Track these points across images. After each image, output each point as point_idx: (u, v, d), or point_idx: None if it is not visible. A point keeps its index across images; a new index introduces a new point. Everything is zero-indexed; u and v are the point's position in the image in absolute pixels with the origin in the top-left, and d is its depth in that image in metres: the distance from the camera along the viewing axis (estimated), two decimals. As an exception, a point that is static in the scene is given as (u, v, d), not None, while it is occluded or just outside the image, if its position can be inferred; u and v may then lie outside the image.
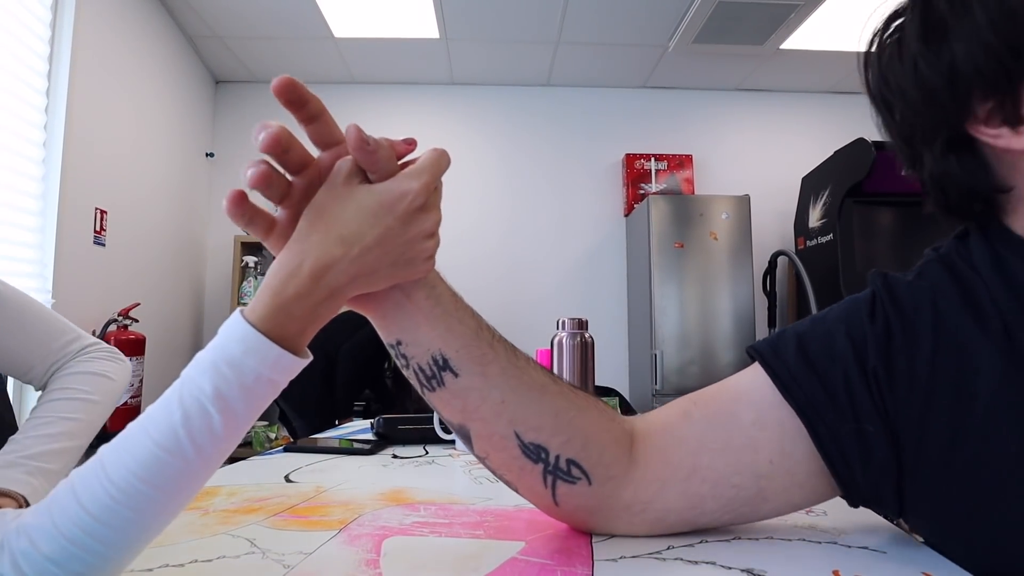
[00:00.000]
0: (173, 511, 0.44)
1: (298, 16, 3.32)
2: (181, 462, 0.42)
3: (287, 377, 0.45)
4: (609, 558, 0.53)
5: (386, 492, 0.78)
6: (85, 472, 0.43)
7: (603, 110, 4.16)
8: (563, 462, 0.55)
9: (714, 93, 4.18)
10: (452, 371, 0.52)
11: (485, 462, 0.57)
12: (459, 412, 0.54)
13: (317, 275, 0.44)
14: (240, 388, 0.43)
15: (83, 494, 0.42)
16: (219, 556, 0.54)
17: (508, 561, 0.52)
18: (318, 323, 0.46)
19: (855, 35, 3.65)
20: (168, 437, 0.42)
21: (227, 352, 0.43)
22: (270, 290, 0.44)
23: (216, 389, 0.42)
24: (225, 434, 0.43)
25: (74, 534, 0.41)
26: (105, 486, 0.42)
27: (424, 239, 0.49)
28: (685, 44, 3.50)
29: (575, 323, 1.16)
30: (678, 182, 4.01)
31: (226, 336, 0.43)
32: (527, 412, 0.54)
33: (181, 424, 0.42)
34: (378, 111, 4.07)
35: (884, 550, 0.55)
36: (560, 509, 0.58)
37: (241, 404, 0.43)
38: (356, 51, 3.71)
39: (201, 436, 0.42)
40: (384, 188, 0.47)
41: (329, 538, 0.59)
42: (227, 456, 0.45)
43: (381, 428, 1.21)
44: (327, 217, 0.46)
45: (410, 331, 0.52)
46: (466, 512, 0.69)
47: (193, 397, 0.42)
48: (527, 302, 3.91)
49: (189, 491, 0.44)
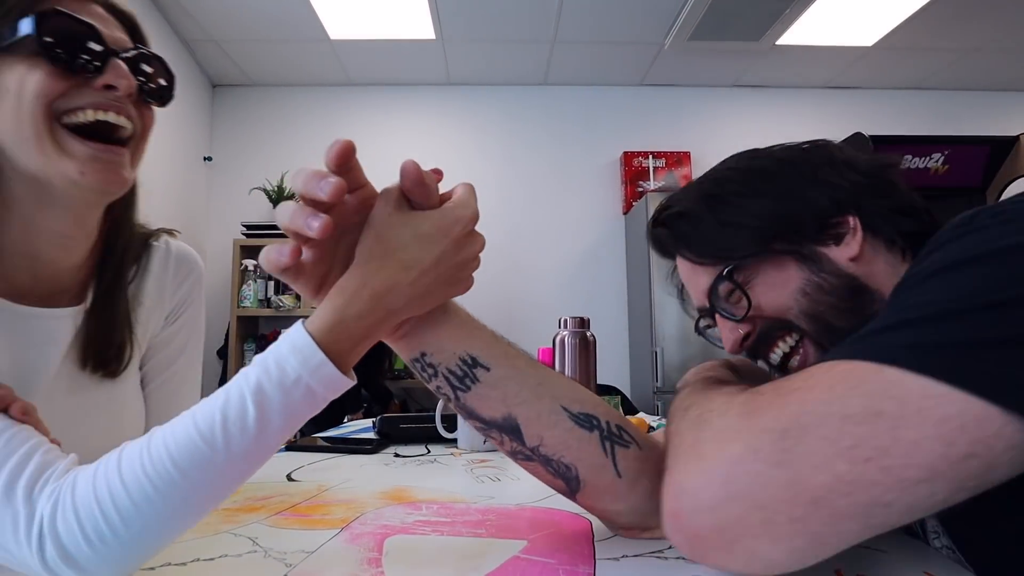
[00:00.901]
0: (189, 507, 0.45)
1: (294, 19, 3.32)
2: (209, 450, 0.44)
3: (326, 391, 0.47)
4: (611, 557, 0.53)
5: (388, 491, 0.79)
6: (138, 440, 0.46)
7: (600, 108, 4.16)
8: (614, 427, 0.55)
9: (711, 90, 4.18)
10: (483, 366, 0.54)
11: (539, 451, 0.54)
12: (501, 403, 0.54)
13: (378, 297, 0.48)
14: (280, 387, 0.45)
15: (124, 458, 0.45)
16: (221, 555, 0.54)
17: (510, 560, 0.52)
18: (369, 343, 0.49)
19: (851, 30, 3.65)
20: (207, 420, 0.44)
21: (278, 351, 0.46)
22: (332, 307, 0.47)
23: (258, 382, 0.45)
24: (255, 432, 0.45)
25: (102, 493, 0.44)
26: (143, 457, 0.44)
27: (471, 260, 0.53)
28: (681, 41, 3.50)
29: (577, 322, 1.17)
30: (676, 179, 4.01)
31: (283, 339, 0.47)
32: (566, 390, 0.56)
33: (220, 409, 0.45)
34: (375, 112, 4.07)
35: (885, 549, 0.55)
36: (623, 481, 0.55)
37: (277, 403, 0.45)
38: (352, 53, 3.71)
39: (233, 426, 0.44)
40: (439, 215, 0.51)
41: (331, 537, 0.59)
42: (252, 468, 0.47)
43: (383, 427, 1.21)
44: (384, 243, 0.49)
45: (432, 342, 0.54)
46: (468, 511, 0.69)
47: (237, 386, 0.45)
48: (526, 301, 3.91)
49: (209, 488, 0.45)
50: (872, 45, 3.58)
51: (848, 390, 0.41)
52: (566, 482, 0.56)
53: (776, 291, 0.67)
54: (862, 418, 0.39)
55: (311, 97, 4.07)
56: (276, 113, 4.07)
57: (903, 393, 0.39)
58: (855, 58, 3.75)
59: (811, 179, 0.68)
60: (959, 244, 0.45)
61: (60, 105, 0.60)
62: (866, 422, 0.39)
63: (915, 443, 0.38)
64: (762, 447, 0.42)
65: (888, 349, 0.41)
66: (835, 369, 0.43)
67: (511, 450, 0.55)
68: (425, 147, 4.03)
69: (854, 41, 3.56)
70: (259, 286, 3.66)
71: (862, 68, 3.87)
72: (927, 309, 0.41)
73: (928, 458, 0.38)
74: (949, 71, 3.90)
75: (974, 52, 3.66)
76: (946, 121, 4.04)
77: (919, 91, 4.15)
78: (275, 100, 4.08)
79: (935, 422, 0.37)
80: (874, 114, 4.08)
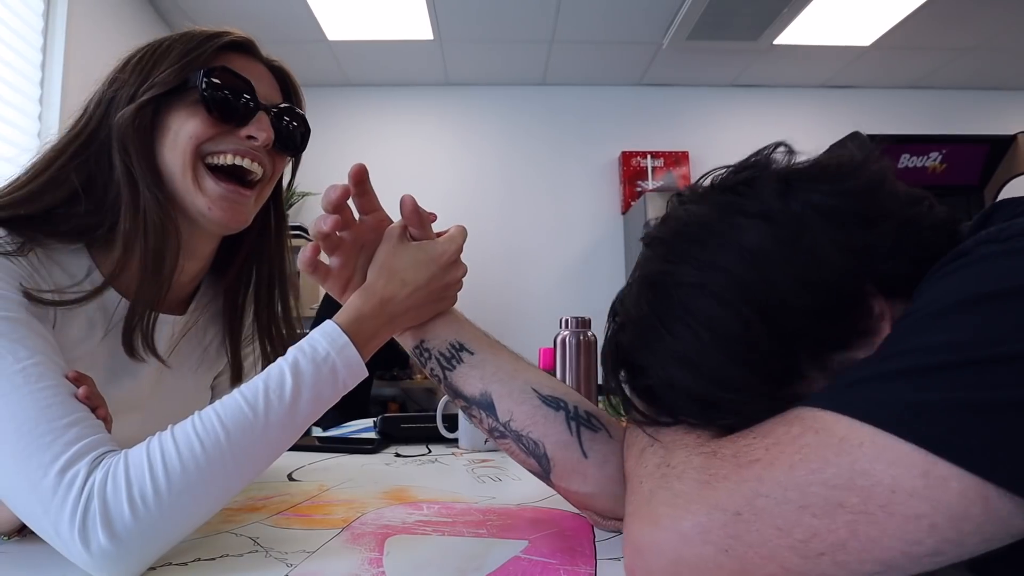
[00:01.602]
0: (228, 475, 0.52)
1: (291, 19, 3.32)
2: (252, 414, 0.53)
3: (347, 372, 0.59)
4: (612, 556, 0.54)
5: (389, 491, 0.79)
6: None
7: (598, 108, 4.16)
8: (582, 411, 0.60)
9: (709, 89, 4.18)
10: (468, 350, 0.64)
11: (510, 425, 0.60)
12: (479, 380, 0.62)
13: (384, 303, 0.63)
14: (312, 362, 0.57)
15: (178, 426, 0.53)
16: (222, 554, 0.54)
17: (511, 560, 0.53)
18: (379, 340, 0.64)
19: (849, 29, 3.65)
20: (251, 389, 0.55)
21: (311, 337, 0.60)
22: (352, 307, 0.63)
23: (295, 358, 0.58)
24: (290, 402, 0.55)
25: (154, 451, 0.50)
26: (195, 420, 0.53)
27: (455, 283, 0.68)
28: (679, 41, 3.50)
29: (578, 322, 1.17)
30: (675, 179, 4.01)
31: (316, 330, 0.60)
32: (539, 377, 0.63)
33: (263, 379, 0.56)
34: (373, 113, 4.07)
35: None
36: (590, 462, 0.57)
37: (309, 376, 0.57)
38: (350, 53, 3.71)
39: (273, 394, 0.55)
40: (431, 246, 0.67)
41: (332, 537, 0.59)
42: (284, 440, 0.57)
43: (384, 427, 1.21)
44: (389, 265, 0.65)
45: (430, 331, 0.66)
46: (469, 511, 0.69)
47: (277, 363, 0.57)
48: (525, 301, 3.90)
49: (247, 455, 0.53)
50: (870, 44, 3.58)
51: (809, 474, 0.37)
52: (537, 460, 0.59)
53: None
54: (821, 510, 0.36)
55: (309, 97, 3.98)
56: (274, 114, 4.06)
57: (869, 483, 0.35)
58: (853, 57, 3.75)
59: (804, 273, 0.44)
60: (960, 278, 0.40)
61: (207, 148, 0.70)
62: (825, 515, 0.36)
63: (875, 541, 0.35)
64: (713, 528, 0.40)
65: (871, 405, 0.37)
66: (803, 437, 0.38)
67: (488, 427, 0.62)
68: (423, 148, 4.03)
69: (852, 41, 3.56)
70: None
71: (860, 67, 3.88)
72: (922, 358, 0.37)
73: (888, 555, 0.35)
74: (947, 70, 3.90)
75: (972, 51, 3.66)
76: (944, 120, 4.04)
77: (917, 90, 4.16)
78: (273, 101, 4.07)
79: (901, 520, 0.34)
80: (872, 113, 4.08)
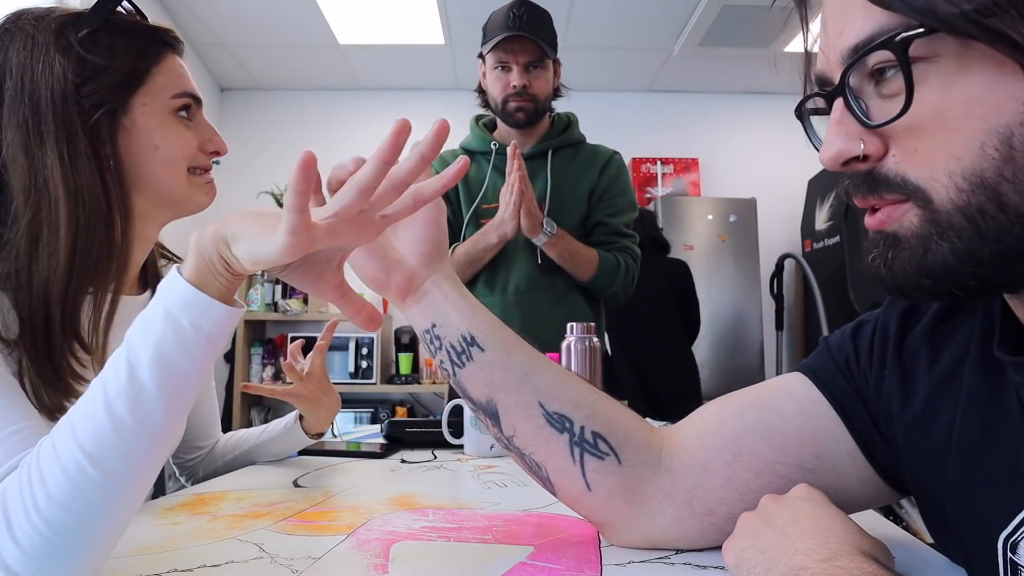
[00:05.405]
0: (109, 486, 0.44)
1: (302, 23, 3.34)
2: (105, 416, 0.44)
3: (185, 309, 0.47)
4: (618, 563, 0.53)
5: (395, 497, 0.78)
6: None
7: (609, 114, 4.15)
8: (588, 433, 0.55)
9: (719, 96, 4.17)
10: (479, 346, 0.56)
11: (513, 442, 0.56)
12: (486, 386, 0.56)
13: (205, 229, 0.51)
14: (140, 325, 0.47)
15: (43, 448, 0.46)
16: (227, 561, 0.54)
17: (517, 566, 0.52)
18: (220, 258, 0.49)
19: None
20: (91, 388, 0.47)
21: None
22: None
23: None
24: (127, 374, 0.45)
25: (25, 466, 0.45)
26: (53, 440, 0.45)
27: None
28: (690, 47, 3.50)
29: (584, 328, 1.16)
30: (684, 185, 4.00)
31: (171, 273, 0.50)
32: (549, 385, 0.56)
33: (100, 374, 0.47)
34: (384, 117, 4.08)
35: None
36: (594, 495, 0.55)
37: (139, 336, 0.46)
38: (361, 58, 3.73)
39: (109, 379, 0.46)
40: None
41: (337, 543, 0.59)
42: (151, 417, 0.45)
43: (391, 431, 1.21)
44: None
45: (442, 315, 0.57)
46: (474, 517, 0.69)
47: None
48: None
49: (117, 454, 0.44)
50: (882, 52, 3.57)
51: None
52: (541, 482, 0.57)
53: (959, 113, 0.35)
54: None
55: (319, 101, 4.09)
56: (284, 117, 4.09)
57: None
58: (864, 65, 3.74)
59: None
60: None
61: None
62: None
63: None
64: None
65: None
66: None
67: (496, 436, 0.57)
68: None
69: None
70: (266, 290, 3.67)
71: (871, 75, 3.86)
72: None
73: None
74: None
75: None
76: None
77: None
78: (283, 104, 4.10)
79: None
80: (883, 121, 4.06)
